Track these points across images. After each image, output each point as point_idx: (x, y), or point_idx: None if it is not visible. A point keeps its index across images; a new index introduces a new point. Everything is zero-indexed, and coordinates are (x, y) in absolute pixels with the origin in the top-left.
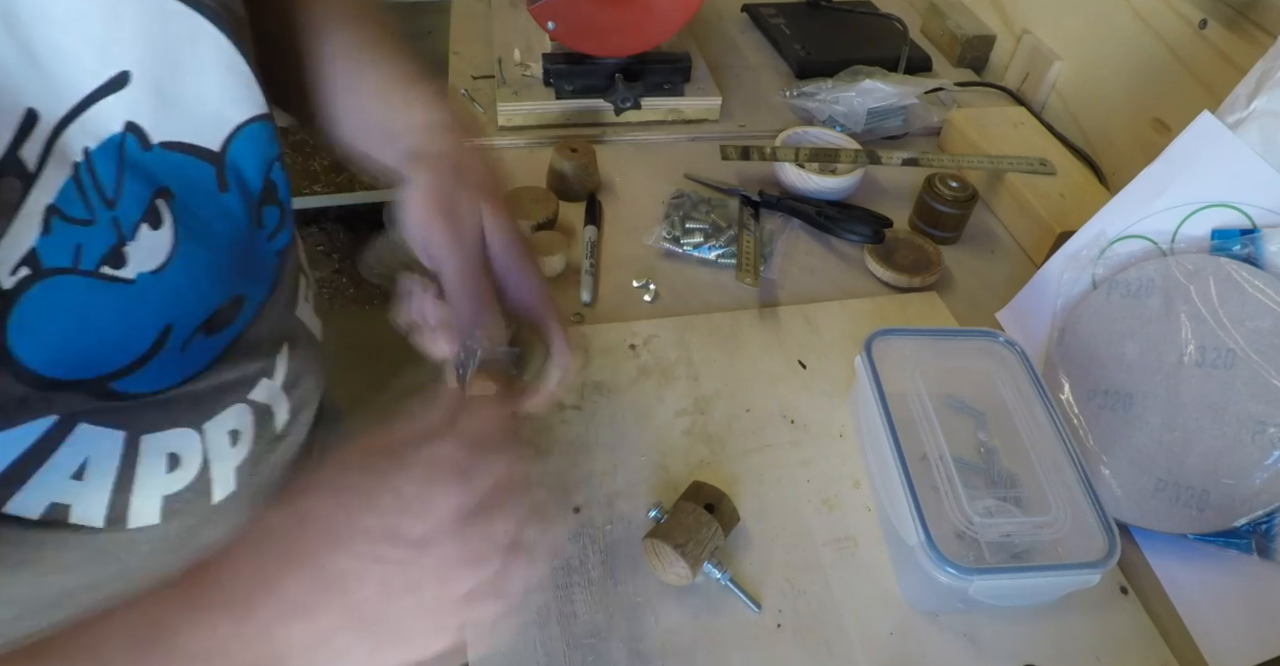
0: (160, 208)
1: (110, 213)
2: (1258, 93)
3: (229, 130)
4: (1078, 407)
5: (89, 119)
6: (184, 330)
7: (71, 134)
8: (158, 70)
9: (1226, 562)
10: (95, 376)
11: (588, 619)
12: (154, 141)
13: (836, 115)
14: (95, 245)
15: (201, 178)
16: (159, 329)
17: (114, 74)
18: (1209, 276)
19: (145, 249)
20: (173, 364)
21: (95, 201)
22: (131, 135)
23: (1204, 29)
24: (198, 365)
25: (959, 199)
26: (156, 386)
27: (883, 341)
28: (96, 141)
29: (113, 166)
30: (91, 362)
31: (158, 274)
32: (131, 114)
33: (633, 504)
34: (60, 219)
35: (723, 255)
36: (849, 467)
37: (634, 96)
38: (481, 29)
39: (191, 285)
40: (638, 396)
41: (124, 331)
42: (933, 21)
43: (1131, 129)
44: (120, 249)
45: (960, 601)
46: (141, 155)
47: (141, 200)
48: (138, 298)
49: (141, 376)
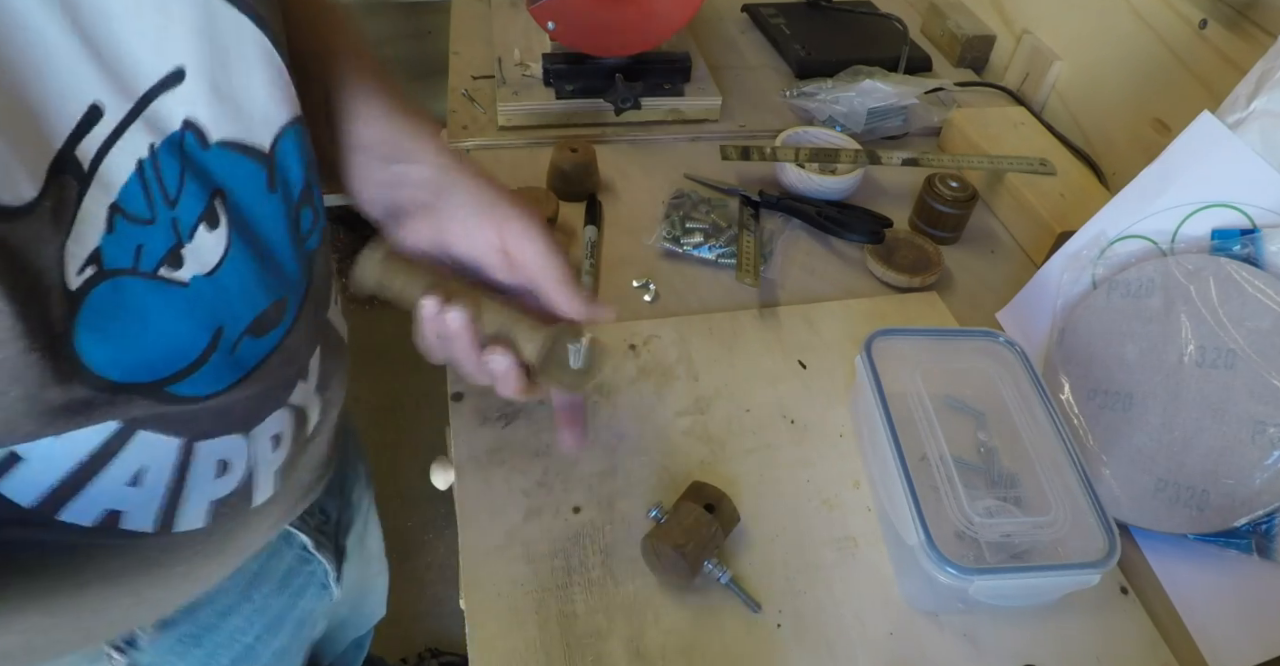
0: (217, 208)
1: (171, 212)
2: (1258, 93)
3: (277, 130)
4: (1078, 407)
5: (152, 115)
6: (234, 333)
7: (136, 130)
8: (211, 66)
9: (1226, 562)
10: (154, 380)
11: (588, 619)
12: (212, 139)
13: (836, 115)
14: (155, 246)
15: (254, 178)
16: (212, 332)
17: (171, 69)
18: (1209, 276)
19: (201, 250)
20: (225, 367)
21: (158, 200)
22: (191, 132)
23: (1204, 29)
24: (246, 368)
25: (959, 199)
26: (211, 390)
27: (883, 341)
28: (161, 138)
29: (176, 164)
30: (151, 366)
31: (211, 276)
32: (190, 111)
33: (632, 504)
34: (123, 218)
35: (723, 255)
36: (849, 467)
37: (634, 96)
38: (481, 29)
39: (241, 287)
40: (638, 396)
41: (180, 334)
42: (933, 21)
43: (1131, 129)
44: (178, 250)
45: (960, 601)
46: (201, 153)
47: (201, 200)
48: (193, 300)
49: (197, 380)
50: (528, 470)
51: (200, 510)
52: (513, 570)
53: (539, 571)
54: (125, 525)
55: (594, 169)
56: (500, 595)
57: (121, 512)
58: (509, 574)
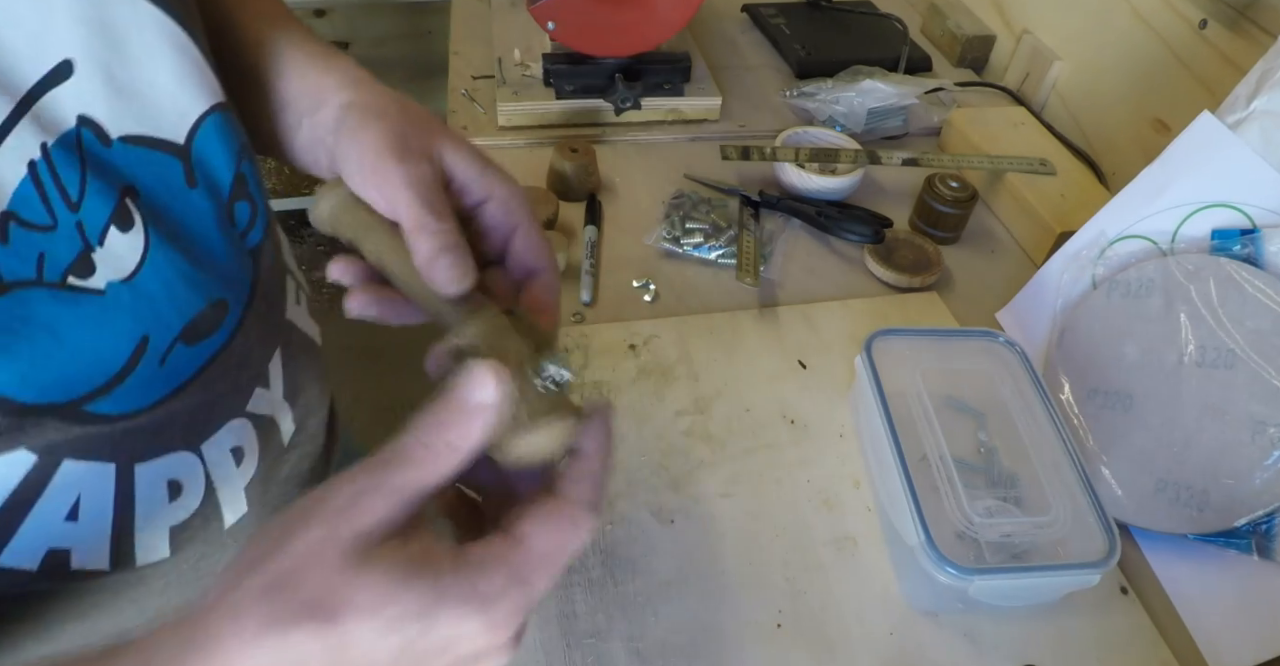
0: (129, 207)
1: (74, 216)
2: (1258, 93)
3: (191, 121)
4: (1078, 407)
5: (40, 112)
6: (162, 341)
7: (25, 129)
8: (103, 58)
9: (1226, 562)
10: (69, 399)
11: (588, 619)
12: (113, 135)
13: (836, 115)
14: (60, 253)
15: (169, 173)
16: (135, 341)
17: (56, 63)
18: (1209, 276)
19: (115, 254)
20: (153, 379)
21: (57, 204)
22: (88, 129)
23: (1204, 29)
24: (180, 378)
25: (959, 199)
26: (137, 405)
27: (883, 341)
28: (53, 136)
29: (74, 164)
30: (65, 384)
31: (129, 281)
32: (84, 106)
33: (632, 504)
34: (18, 225)
35: (723, 255)
36: (849, 467)
37: (634, 96)
38: (481, 29)
39: (166, 291)
40: (638, 396)
41: (97, 347)
42: (933, 21)
43: (1131, 129)
44: (88, 256)
45: (960, 601)
46: (103, 150)
47: (109, 200)
48: (110, 309)
49: (120, 395)
50: None
51: (159, 538)
52: None
53: None
54: (77, 564)
55: (594, 169)
56: None
57: (69, 550)
58: None
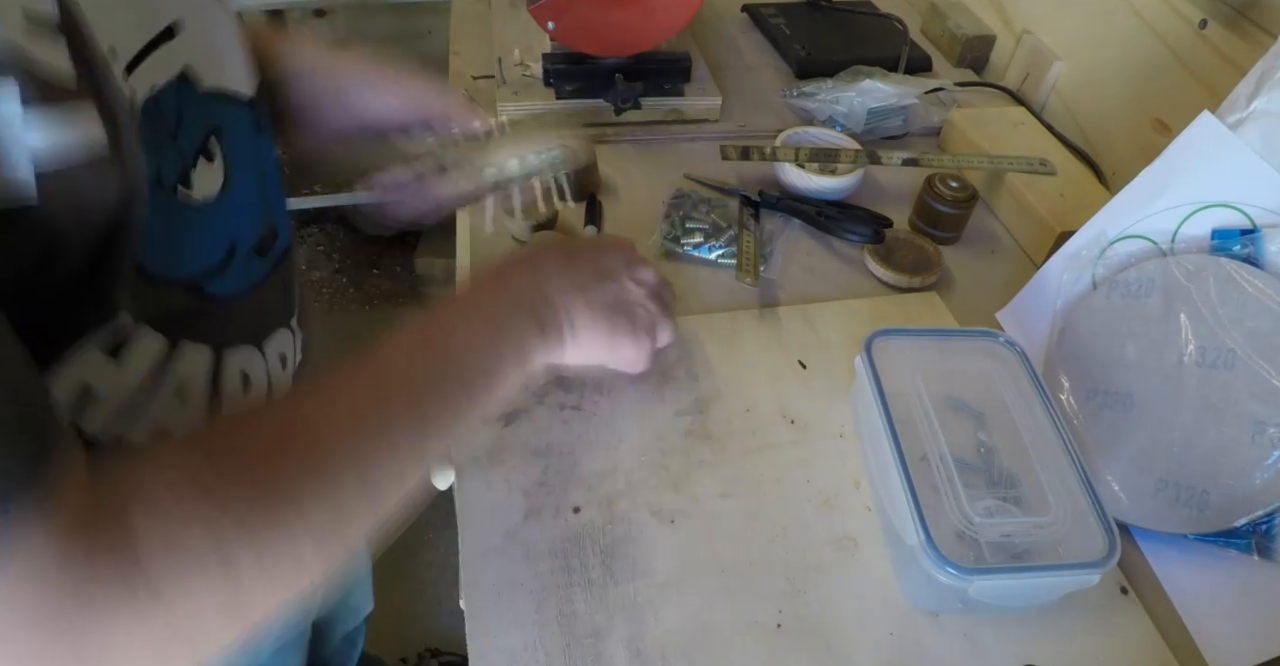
0: (212, 144)
1: (174, 143)
2: (1258, 93)
3: (257, 82)
4: (1078, 407)
5: (154, 61)
6: (244, 247)
7: (143, 71)
8: (199, 26)
9: (1226, 562)
10: (189, 276)
11: (588, 619)
12: (205, 86)
13: (836, 115)
14: (168, 168)
15: (243, 120)
16: (227, 243)
17: (168, 22)
18: (1209, 276)
19: (205, 177)
20: (242, 274)
21: (162, 133)
22: (187, 79)
23: (1204, 29)
24: (255, 278)
25: (959, 199)
26: (232, 291)
27: (883, 341)
28: (163, 80)
29: (172, 105)
30: (185, 264)
31: (217, 200)
32: (186, 59)
33: (632, 504)
34: (144, 139)
35: (723, 255)
36: (849, 467)
37: (634, 96)
38: (481, 29)
39: (244, 212)
40: (638, 396)
41: (203, 242)
42: (933, 21)
43: (1131, 129)
44: (187, 174)
45: (960, 601)
46: (197, 96)
47: (198, 136)
48: (207, 215)
49: (221, 282)
50: (528, 470)
51: None
52: (513, 570)
53: (539, 571)
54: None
55: (594, 169)
56: (500, 595)
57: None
58: (509, 574)
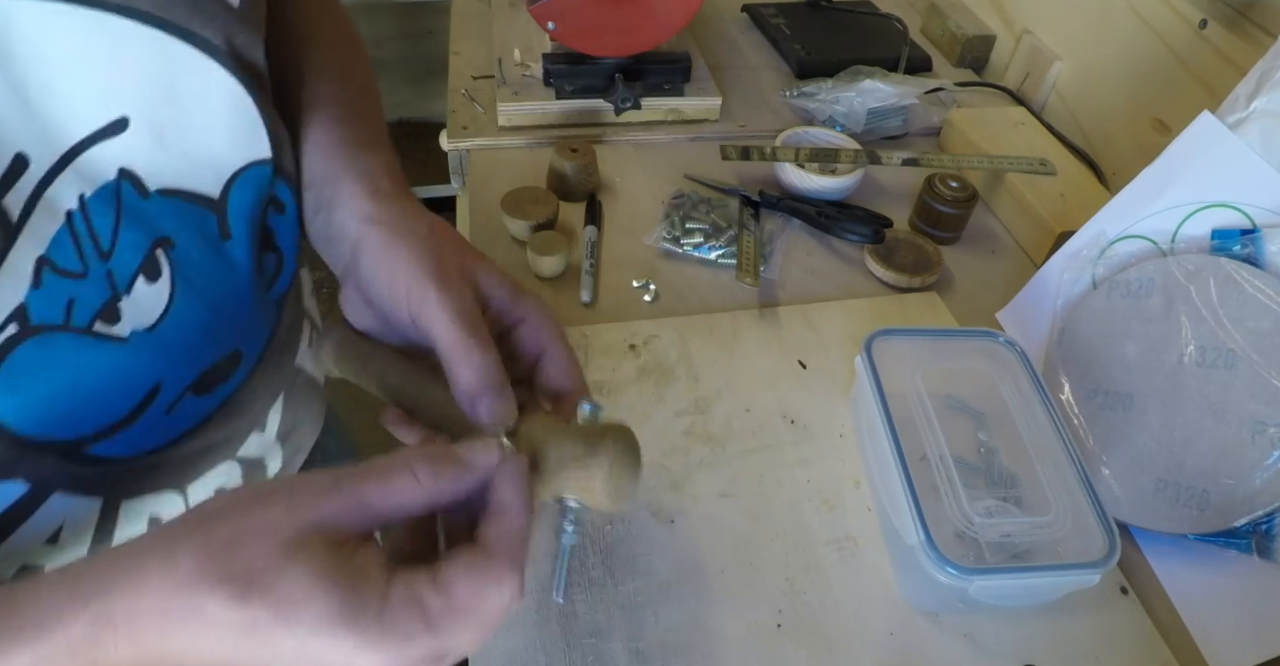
0: (159, 258)
1: (105, 265)
2: (1258, 93)
3: (228, 175)
4: (1078, 407)
5: (83, 164)
6: (172, 391)
7: (65, 180)
8: (160, 116)
9: (1226, 562)
10: (72, 438)
11: (588, 619)
12: (151, 188)
13: (836, 115)
14: (89, 300)
15: (204, 225)
16: (146, 389)
17: (112, 119)
18: (1209, 276)
19: (140, 304)
20: (156, 427)
21: (89, 252)
22: (127, 182)
23: (1204, 29)
24: (183, 427)
25: (959, 199)
26: (135, 450)
27: (883, 341)
28: (92, 188)
29: (109, 214)
30: (70, 423)
31: (151, 331)
32: (127, 160)
33: (632, 504)
34: (52, 271)
35: (723, 255)
36: (849, 467)
37: (634, 96)
38: (481, 29)
39: (185, 342)
40: (638, 396)
41: (109, 391)
42: (933, 21)
43: (1131, 129)
44: (115, 304)
45: (960, 601)
46: (139, 202)
47: (139, 251)
48: (129, 356)
49: (122, 439)
50: None
51: None
52: None
53: (539, 571)
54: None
55: (594, 169)
56: None
57: (42, 567)
58: None
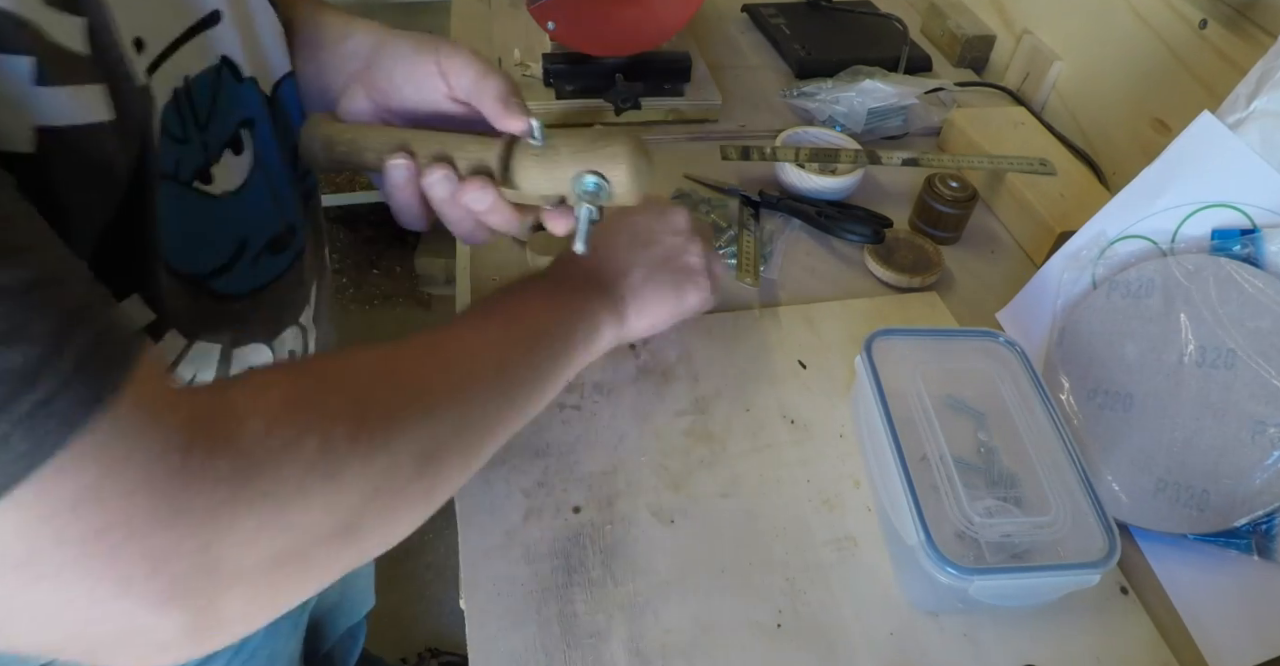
0: (243, 136)
1: (201, 135)
2: (1258, 93)
3: (277, 78)
4: (1078, 407)
5: (192, 47)
6: (255, 246)
7: (175, 61)
8: (240, 13)
9: (1226, 562)
10: (199, 273)
11: (588, 619)
12: (245, 75)
13: (836, 115)
14: (189, 161)
15: (265, 119)
16: (237, 241)
17: (210, 10)
18: (1209, 276)
19: (227, 171)
20: (249, 273)
21: (190, 124)
22: (228, 68)
23: (1204, 29)
24: (265, 278)
25: (959, 199)
26: (241, 289)
27: (883, 341)
28: (196, 69)
29: (206, 95)
30: (195, 261)
31: (237, 195)
32: (227, 49)
33: (632, 504)
34: (165, 135)
35: (723, 255)
36: (849, 467)
37: (634, 96)
38: (481, 29)
39: (261, 208)
40: (638, 396)
41: (213, 238)
42: (933, 21)
43: (1131, 129)
44: (208, 169)
45: (960, 601)
46: (234, 87)
47: (228, 127)
48: (222, 212)
49: (230, 279)
50: (528, 470)
51: None
52: (513, 570)
53: (539, 571)
54: None
55: None
56: (500, 595)
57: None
58: (509, 574)
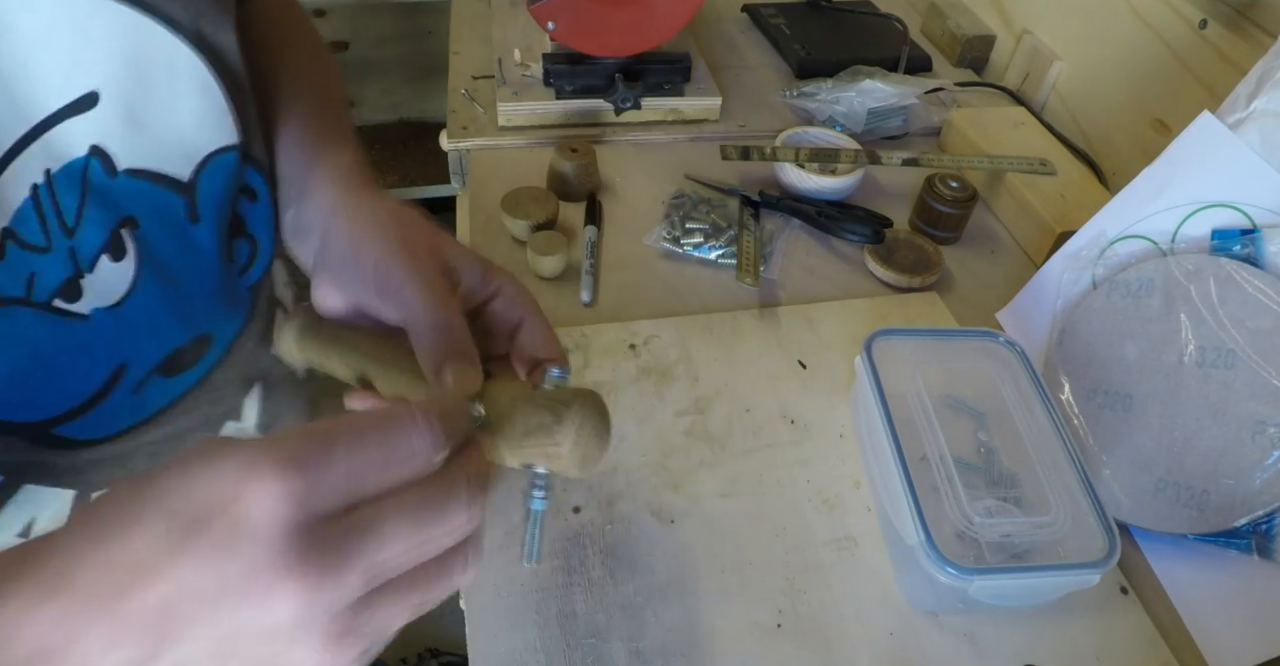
0: (124, 238)
1: (69, 241)
2: (1258, 93)
3: (199, 159)
4: (1078, 407)
5: (52, 140)
6: (139, 371)
7: (32, 154)
8: (129, 93)
9: (1226, 562)
10: (39, 420)
11: (588, 619)
12: (120, 167)
13: (836, 115)
14: (50, 275)
15: (170, 208)
16: (111, 369)
17: (81, 94)
18: (1209, 276)
19: (103, 282)
20: (124, 408)
21: (54, 227)
22: (96, 159)
23: (1204, 29)
24: (151, 409)
25: (959, 199)
26: (105, 433)
27: (883, 341)
28: (59, 164)
29: (75, 192)
30: (36, 404)
31: (115, 309)
32: (98, 137)
33: (632, 504)
34: (15, 244)
35: (723, 255)
36: (849, 467)
37: (634, 96)
38: (481, 29)
39: (150, 323)
40: (638, 396)
41: (73, 370)
42: (933, 21)
43: (1131, 129)
44: (77, 281)
45: (960, 601)
46: (107, 181)
47: (103, 229)
48: (91, 334)
49: (89, 421)
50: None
51: None
52: (513, 570)
53: (539, 571)
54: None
55: (594, 169)
56: (500, 595)
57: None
58: (509, 574)
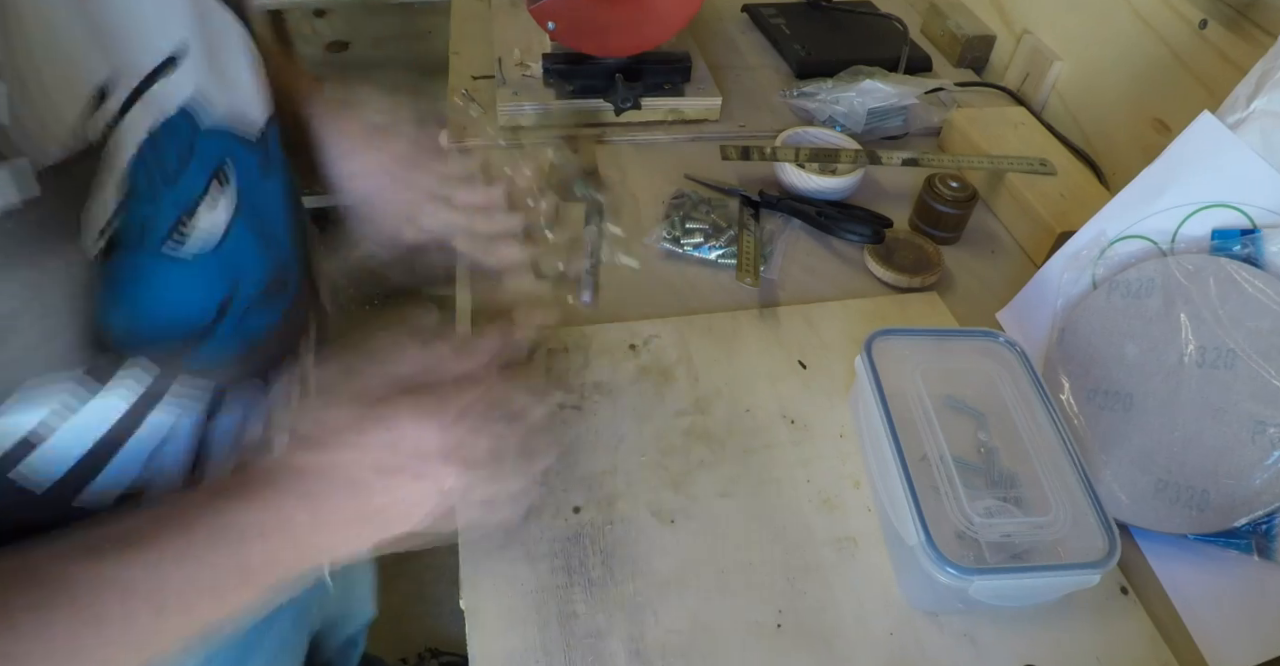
0: (217, 187)
1: (172, 191)
2: (1258, 93)
3: (263, 122)
4: (1078, 407)
5: (154, 96)
6: (240, 303)
7: (137, 111)
8: (207, 52)
9: (1226, 562)
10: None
11: (588, 619)
12: (210, 122)
13: (836, 115)
14: (159, 222)
15: (250, 161)
16: (218, 301)
17: (171, 51)
18: (1209, 276)
19: (203, 227)
20: (233, 335)
21: (158, 179)
22: (190, 113)
23: (1204, 29)
24: (255, 336)
25: (959, 199)
26: (222, 356)
27: (883, 341)
28: (161, 118)
29: (174, 145)
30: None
31: (216, 250)
32: (190, 90)
33: (632, 504)
34: (129, 195)
35: (723, 255)
36: (849, 467)
37: (634, 96)
38: (481, 29)
39: (243, 262)
40: (638, 396)
41: (188, 304)
42: (933, 21)
43: (1131, 129)
44: (180, 227)
45: (960, 601)
46: (198, 135)
47: (200, 179)
48: (198, 272)
49: (208, 348)
50: None
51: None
52: (513, 570)
53: (539, 571)
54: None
55: (594, 169)
56: (500, 595)
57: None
58: (509, 574)
